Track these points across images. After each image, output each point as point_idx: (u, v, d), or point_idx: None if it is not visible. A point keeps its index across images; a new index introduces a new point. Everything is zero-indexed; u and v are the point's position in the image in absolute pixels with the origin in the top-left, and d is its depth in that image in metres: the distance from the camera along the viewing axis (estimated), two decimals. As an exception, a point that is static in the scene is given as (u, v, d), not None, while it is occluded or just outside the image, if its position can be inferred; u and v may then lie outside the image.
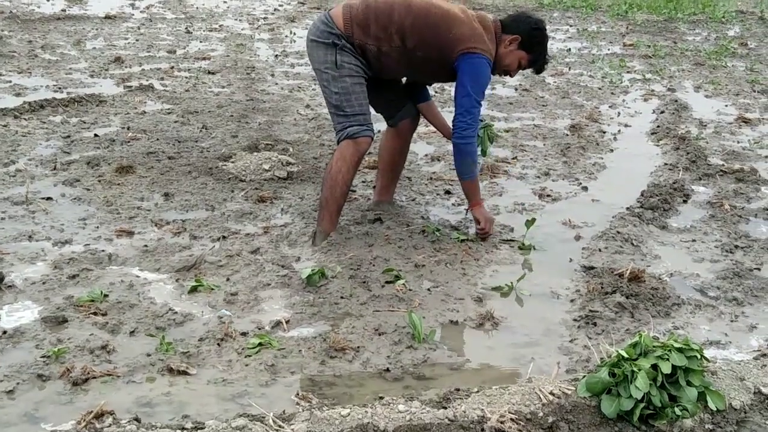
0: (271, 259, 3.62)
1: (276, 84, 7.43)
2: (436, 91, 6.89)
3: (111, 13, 10.86)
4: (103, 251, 3.63)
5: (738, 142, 5.94)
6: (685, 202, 4.60)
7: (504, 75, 4.02)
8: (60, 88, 6.74)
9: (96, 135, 5.45)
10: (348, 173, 3.79)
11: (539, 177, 5.02)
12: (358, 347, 2.91)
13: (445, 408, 2.35)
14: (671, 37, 10.84)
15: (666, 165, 5.30)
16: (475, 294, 3.41)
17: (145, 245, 3.73)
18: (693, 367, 2.40)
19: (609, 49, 9.85)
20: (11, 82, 6.84)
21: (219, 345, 2.89)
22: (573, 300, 3.39)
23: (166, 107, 6.33)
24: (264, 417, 2.28)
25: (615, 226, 4.12)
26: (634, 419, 2.34)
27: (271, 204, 4.35)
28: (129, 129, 5.64)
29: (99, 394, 2.56)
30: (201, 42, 9.41)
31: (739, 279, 3.60)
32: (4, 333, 2.88)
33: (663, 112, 6.71)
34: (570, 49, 9.72)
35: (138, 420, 2.34)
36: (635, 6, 13.26)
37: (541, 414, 2.35)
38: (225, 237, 3.87)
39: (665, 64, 8.95)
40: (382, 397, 2.45)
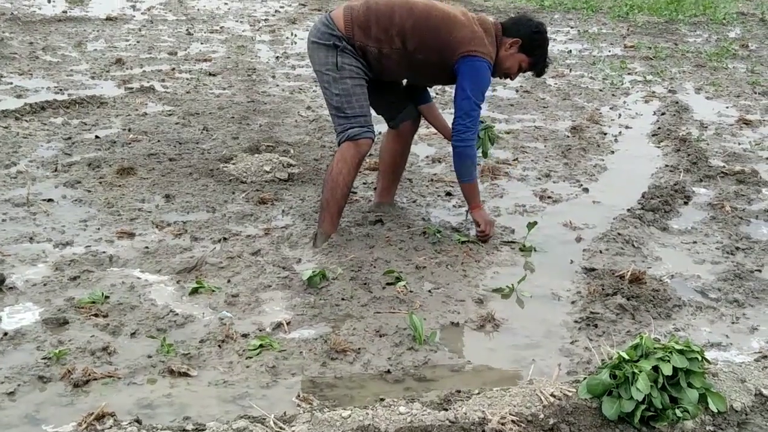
0: (272, 261, 3.62)
1: (277, 86, 7.43)
2: (437, 93, 6.89)
3: (112, 15, 10.86)
4: (104, 253, 3.63)
5: (739, 143, 5.94)
6: (686, 203, 4.60)
7: (504, 78, 4.03)
8: (61, 89, 6.74)
9: (97, 136, 5.45)
10: (349, 175, 3.79)
11: (540, 178, 5.02)
12: (359, 349, 2.91)
13: (446, 410, 2.35)
14: (672, 39, 10.83)
15: (667, 166, 5.29)
16: (476, 296, 3.40)
17: (146, 247, 3.74)
18: (694, 369, 2.40)
19: (610, 51, 9.84)
20: (12, 83, 6.84)
21: (220, 347, 2.89)
22: (574, 302, 3.39)
23: (167, 109, 6.33)
24: (265, 419, 2.28)
25: (616, 227, 4.12)
26: (635, 421, 2.34)
27: (272, 206, 4.35)
28: (130, 130, 5.65)
29: (100, 395, 2.56)
30: (202, 44, 9.41)
31: (740, 281, 3.60)
32: (5, 335, 2.89)
33: (664, 113, 6.71)
34: (571, 51, 9.72)
35: (139, 422, 2.34)
36: (636, 8, 13.26)
37: (542, 416, 2.35)
38: (226, 239, 3.87)
39: (666, 65, 8.95)
40: (383, 399, 2.45)
